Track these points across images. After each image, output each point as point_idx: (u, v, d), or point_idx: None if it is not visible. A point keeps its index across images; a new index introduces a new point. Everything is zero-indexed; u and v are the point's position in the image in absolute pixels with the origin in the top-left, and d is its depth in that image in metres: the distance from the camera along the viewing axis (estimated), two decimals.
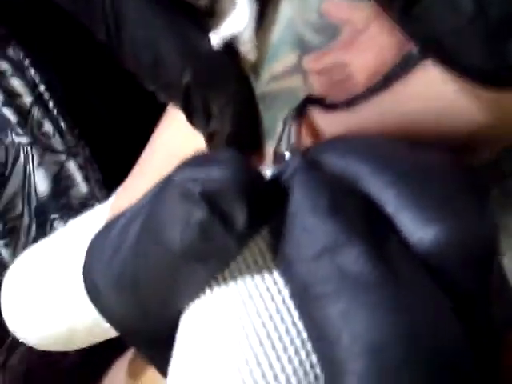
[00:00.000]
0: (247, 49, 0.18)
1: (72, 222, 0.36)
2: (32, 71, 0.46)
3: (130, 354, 0.41)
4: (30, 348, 0.34)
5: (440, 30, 0.14)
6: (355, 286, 0.12)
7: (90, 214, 0.36)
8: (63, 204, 0.43)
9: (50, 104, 0.46)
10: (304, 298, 0.13)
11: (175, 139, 0.24)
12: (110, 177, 0.47)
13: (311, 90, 0.19)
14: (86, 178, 0.46)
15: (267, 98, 0.19)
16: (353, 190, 0.14)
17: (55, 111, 0.46)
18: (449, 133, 0.17)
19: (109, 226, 0.17)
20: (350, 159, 0.15)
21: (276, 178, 0.15)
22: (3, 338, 0.36)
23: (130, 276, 0.16)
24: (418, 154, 0.16)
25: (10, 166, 0.42)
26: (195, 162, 0.15)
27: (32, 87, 0.45)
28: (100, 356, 0.40)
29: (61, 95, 0.46)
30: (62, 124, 0.46)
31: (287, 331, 0.14)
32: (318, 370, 0.13)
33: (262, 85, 0.19)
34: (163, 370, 0.16)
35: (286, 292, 0.14)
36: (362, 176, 0.15)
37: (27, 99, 0.44)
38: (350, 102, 0.18)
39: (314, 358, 0.13)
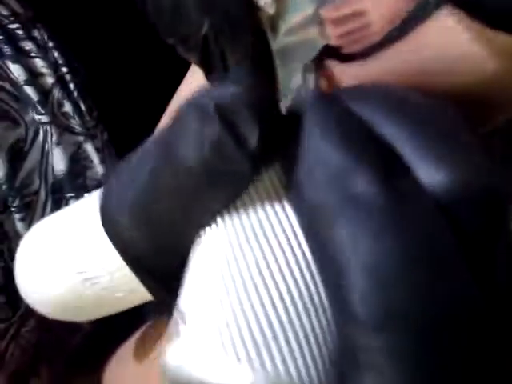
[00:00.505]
0: (267, 1, 0.18)
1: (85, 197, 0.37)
2: (55, 53, 0.47)
3: (133, 340, 0.41)
4: (41, 321, 0.35)
5: None
6: (364, 209, 0.12)
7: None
8: (79, 184, 0.44)
9: (71, 86, 0.46)
10: (313, 222, 0.13)
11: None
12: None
13: (328, 41, 0.19)
14: (103, 161, 0.46)
15: (283, 53, 0.19)
16: (367, 129, 0.14)
17: (75, 93, 0.47)
18: (463, 83, 0.17)
19: (128, 158, 0.17)
20: (364, 104, 0.15)
21: (290, 111, 0.15)
22: (16, 308, 0.36)
23: (144, 203, 0.15)
24: (433, 103, 0.16)
25: (29, 142, 0.42)
26: (212, 84, 0.15)
27: (54, 69, 0.46)
28: (106, 338, 0.40)
29: (82, 78, 0.47)
30: (82, 106, 0.46)
31: (297, 262, 0.13)
32: (323, 296, 0.13)
33: (279, 40, 0.19)
34: (169, 306, 0.16)
35: (296, 225, 0.14)
36: (377, 120, 0.15)
37: (49, 79, 0.45)
38: (367, 52, 0.18)
39: (321, 287, 0.13)
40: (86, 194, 0.46)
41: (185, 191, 0.15)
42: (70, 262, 0.31)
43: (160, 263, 0.16)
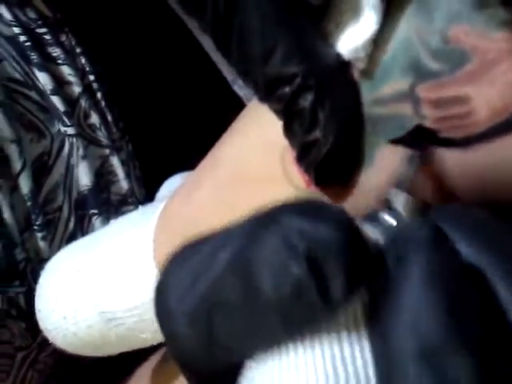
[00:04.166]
0: (361, 62, 0.17)
1: (112, 221, 0.35)
2: (83, 60, 0.45)
3: (152, 362, 0.40)
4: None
5: None
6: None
7: (130, 215, 0.34)
8: (103, 199, 0.42)
9: (98, 95, 0.45)
10: (390, 373, 0.12)
11: (245, 155, 0.22)
12: (149, 176, 0.46)
13: (422, 121, 0.17)
14: (128, 175, 0.45)
15: (368, 122, 0.18)
16: (479, 283, 0.13)
17: (103, 103, 0.45)
18: None
19: (188, 250, 0.16)
20: (478, 247, 0.14)
21: (390, 240, 0.14)
22: (36, 334, 0.35)
23: (208, 310, 0.14)
24: None
25: (54, 155, 0.41)
26: (303, 210, 0.14)
27: (81, 76, 0.44)
28: (122, 359, 0.39)
29: (108, 88, 0.45)
30: (109, 116, 0.45)
31: None
32: None
33: (365, 106, 0.18)
34: None
35: (370, 365, 0.13)
36: (490, 270, 0.13)
37: (76, 88, 0.43)
38: (470, 140, 0.16)
39: None
40: (108, 211, 0.44)
41: (253, 314, 0.14)
42: (95, 298, 0.30)
43: (206, 368, 0.15)
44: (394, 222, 0.15)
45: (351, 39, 0.17)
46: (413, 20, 0.16)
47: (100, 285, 0.29)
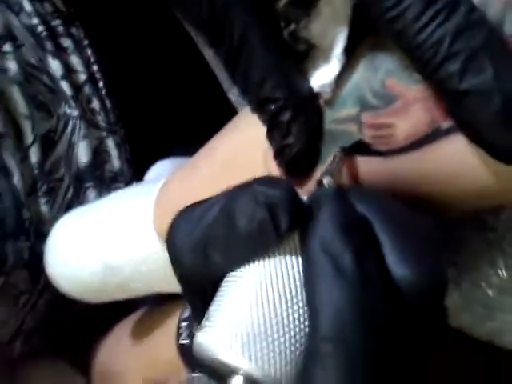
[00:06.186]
0: (326, 94, 0.24)
1: (113, 193, 0.41)
2: (89, 51, 0.50)
3: (135, 316, 0.46)
4: (55, 294, 0.39)
5: (478, 118, 0.21)
6: (342, 277, 0.20)
7: (132, 187, 0.41)
8: (97, 175, 0.48)
9: (100, 84, 0.50)
10: (310, 274, 0.21)
11: (237, 148, 0.30)
12: (138, 159, 0.52)
13: (362, 137, 0.25)
14: (120, 156, 0.50)
15: (327, 135, 0.25)
16: (362, 224, 0.22)
17: (103, 91, 0.50)
18: (456, 193, 0.24)
19: (189, 208, 0.23)
20: (367, 205, 0.22)
21: (312, 200, 0.22)
22: (37, 282, 0.41)
23: (205, 243, 0.22)
24: (415, 215, 0.22)
25: (59, 133, 0.46)
26: (265, 180, 0.22)
27: (87, 66, 0.50)
28: (106, 311, 0.45)
29: (109, 78, 0.51)
30: (107, 103, 0.51)
31: (297, 297, 0.21)
32: (305, 318, 0.21)
33: (325, 123, 0.25)
34: (198, 318, 0.22)
35: (301, 273, 0.22)
36: (373, 221, 0.22)
37: (82, 76, 0.49)
38: (390, 152, 0.24)
39: (305, 314, 0.21)
40: (101, 186, 0.50)
41: (233, 243, 0.22)
42: (99, 250, 0.36)
43: (201, 281, 0.23)
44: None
45: (321, 78, 0.24)
46: (363, 70, 0.24)
47: (104, 240, 0.35)
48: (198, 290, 0.23)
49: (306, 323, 0.21)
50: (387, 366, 0.20)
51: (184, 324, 0.37)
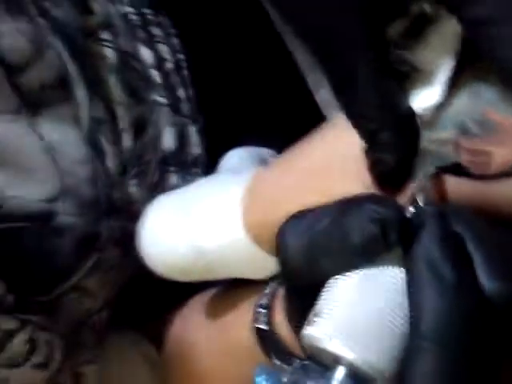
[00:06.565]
0: (425, 116, 0.27)
1: (203, 179, 0.44)
2: (176, 40, 0.53)
3: (209, 292, 0.48)
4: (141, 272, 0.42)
5: None
6: (443, 285, 0.24)
7: (220, 175, 0.44)
8: (181, 161, 0.51)
9: (185, 72, 0.53)
10: (413, 282, 0.25)
11: (334, 152, 0.32)
12: (213, 147, 0.54)
13: (457, 160, 0.27)
14: (200, 143, 0.53)
15: (422, 153, 0.27)
16: (460, 244, 0.25)
17: (188, 80, 0.53)
18: None
19: (301, 214, 0.27)
20: (463, 225, 0.26)
21: (414, 217, 0.26)
22: (127, 255, 0.43)
23: (314, 250, 0.26)
24: (506, 234, 0.25)
25: (147, 119, 0.49)
26: (376, 199, 0.26)
27: (173, 54, 0.52)
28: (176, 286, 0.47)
29: (192, 67, 0.53)
30: (191, 92, 0.53)
31: (399, 300, 0.25)
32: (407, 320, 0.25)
33: (423, 142, 0.27)
34: (293, 309, 0.26)
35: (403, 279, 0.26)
36: (466, 237, 0.25)
37: (169, 65, 0.51)
38: (484, 177, 0.26)
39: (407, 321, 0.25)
40: (183, 171, 0.53)
41: (343, 253, 0.25)
42: (191, 233, 0.39)
43: (304, 282, 0.26)
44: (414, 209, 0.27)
45: (422, 101, 0.26)
46: (465, 98, 0.26)
47: (195, 225, 0.38)
48: (299, 287, 0.26)
49: (406, 324, 0.25)
50: (477, 364, 0.24)
51: (261, 310, 0.40)
